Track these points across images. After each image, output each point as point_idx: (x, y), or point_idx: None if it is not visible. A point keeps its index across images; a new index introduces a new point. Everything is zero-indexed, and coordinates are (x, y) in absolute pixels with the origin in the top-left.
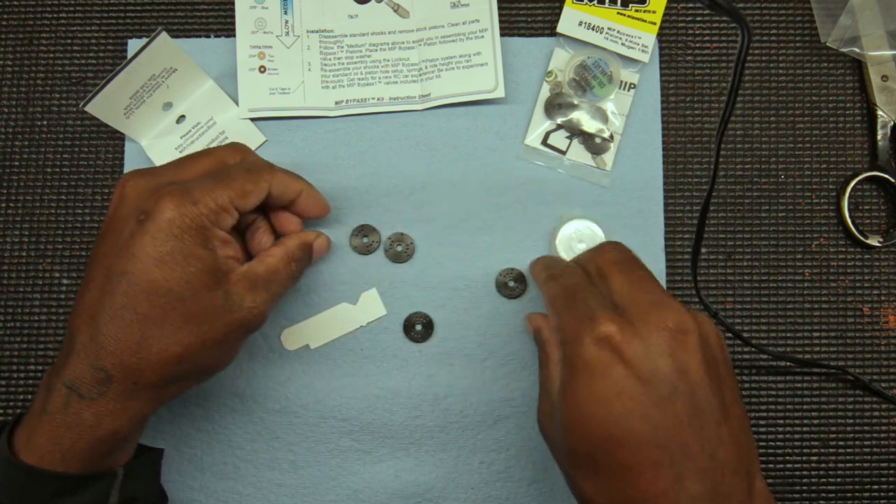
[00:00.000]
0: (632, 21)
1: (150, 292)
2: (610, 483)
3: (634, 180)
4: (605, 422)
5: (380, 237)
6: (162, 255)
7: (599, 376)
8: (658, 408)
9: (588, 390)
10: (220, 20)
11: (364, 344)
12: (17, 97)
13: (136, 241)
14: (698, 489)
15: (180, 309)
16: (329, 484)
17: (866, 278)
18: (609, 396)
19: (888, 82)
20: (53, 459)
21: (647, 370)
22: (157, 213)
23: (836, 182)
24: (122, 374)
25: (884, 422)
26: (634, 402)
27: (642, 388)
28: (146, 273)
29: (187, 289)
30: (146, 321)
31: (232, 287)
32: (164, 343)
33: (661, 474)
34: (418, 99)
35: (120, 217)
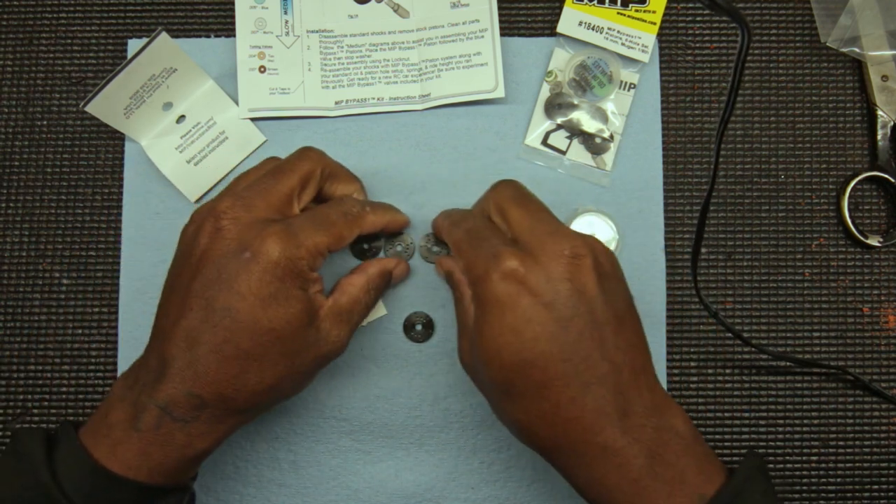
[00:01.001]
0: (632, 21)
1: (253, 331)
2: (527, 401)
3: (634, 180)
4: (518, 348)
5: (381, 242)
6: (266, 296)
7: (509, 308)
8: (562, 328)
9: (500, 322)
10: (220, 20)
11: (364, 344)
12: (17, 97)
13: (242, 279)
14: (602, 391)
15: (279, 347)
16: (329, 484)
17: (866, 278)
18: (519, 325)
19: (888, 82)
20: (140, 472)
21: (550, 296)
22: (264, 253)
23: (836, 182)
24: (216, 401)
25: (884, 422)
26: (541, 327)
27: (547, 313)
28: (251, 312)
29: (287, 329)
30: (247, 357)
31: (321, 323)
32: (260, 377)
33: (569, 384)
34: (418, 99)
35: (221, 251)
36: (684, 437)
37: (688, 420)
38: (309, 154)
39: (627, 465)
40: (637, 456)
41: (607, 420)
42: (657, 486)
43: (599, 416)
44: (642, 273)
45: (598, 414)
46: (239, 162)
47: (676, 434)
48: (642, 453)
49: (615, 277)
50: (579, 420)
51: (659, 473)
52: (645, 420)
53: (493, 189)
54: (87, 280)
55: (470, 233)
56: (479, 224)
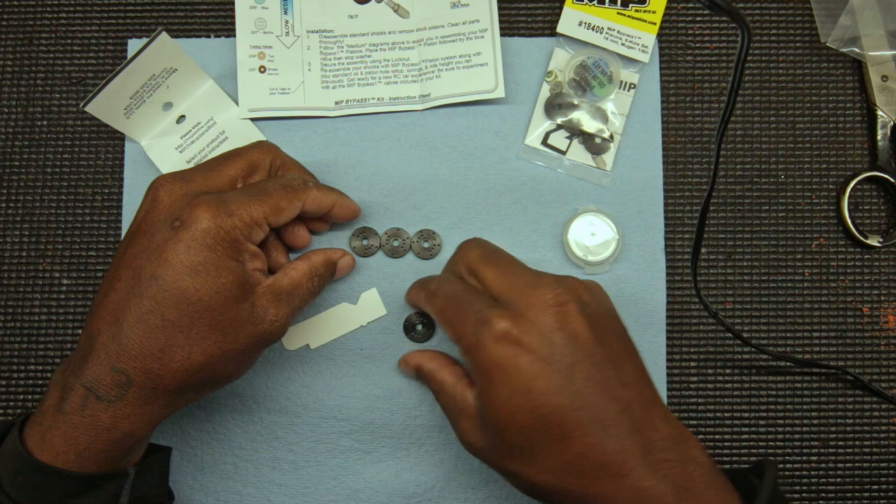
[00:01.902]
0: (632, 21)
1: (180, 300)
2: (552, 458)
3: (634, 180)
4: (532, 406)
5: (379, 241)
6: (195, 265)
7: (512, 371)
8: (567, 377)
9: (507, 386)
10: (220, 20)
11: (364, 344)
12: (17, 97)
13: (170, 248)
14: (619, 431)
15: (207, 318)
16: (329, 484)
17: (866, 278)
18: (526, 384)
19: (888, 82)
20: (68, 459)
21: (547, 349)
22: (193, 221)
23: (836, 182)
24: (142, 378)
25: (884, 422)
26: (547, 381)
27: (549, 366)
28: (177, 280)
29: (216, 299)
30: (172, 328)
31: (257, 299)
32: (188, 351)
33: (588, 431)
34: (418, 99)
35: (152, 221)
36: (705, 467)
37: (704, 450)
38: (261, 145)
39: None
40: (666, 493)
41: (632, 459)
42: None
43: (624, 456)
44: (642, 273)
45: (622, 455)
46: None
47: (698, 465)
48: (671, 490)
49: (604, 314)
50: (605, 465)
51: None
52: (668, 454)
53: (458, 252)
54: (87, 280)
55: (450, 300)
56: (458, 288)
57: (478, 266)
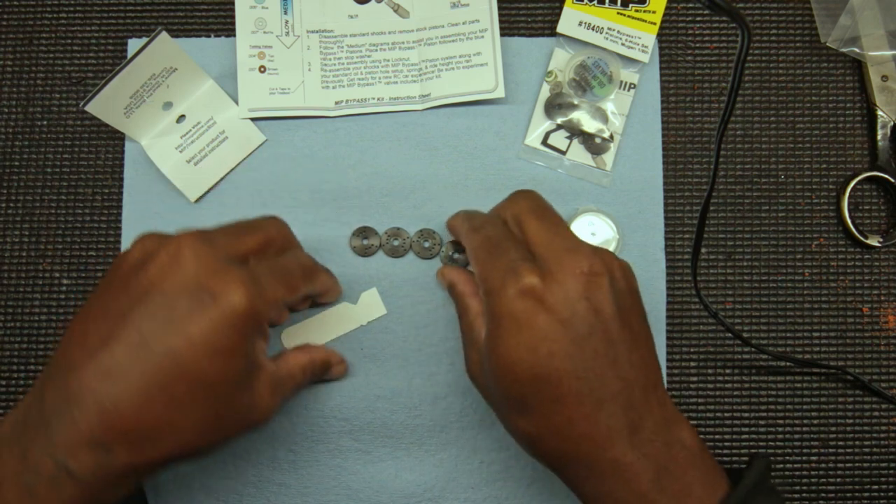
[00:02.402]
0: (632, 21)
1: (194, 380)
2: (541, 416)
3: (634, 180)
4: (533, 364)
5: (379, 241)
6: (220, 347)
7: (525, 325)
8: (577, 346)
9: (515, 338)
10: (220, 20)
11: (364, 344)
12: (17, 97)
13: (195, 324)
14: (614, 408)
15: (212, 401)
16: (329, 484)
17: (866, 278)
18: (534, 342)
19: (888, 82)
20: None
21: (567, 313)
22: (226, 300)
23: (836, 182)
24: (126, 456)
25: (884, 422)
26: (557, 344)
27: (563, 331)
28: (198, 363)
29: (224, 385)
30: (177, 406)
31: (259, 386)
32: (184, 432)
33: (583, 401)
34: (418, 99)
35: (175, 285)
36: (691, 449)
37: (694, 432)
38: (276, 221)
39: (636, 479)
40: (646, 470)
41: (618, 436)
42: (664, 500)
43: (611, 432)
44: (642, 273)
45: (609, 430)
46: (239, 161)
47: (684, 447)
48: (651, 468)
49: (631, 294)
50: (591, 436)
51: (666, 487)
52: (654, 435)
53: (511, 199)
54: (87, 280)
55: (489, 241)
56: (499, 233)
57: (525, 217)
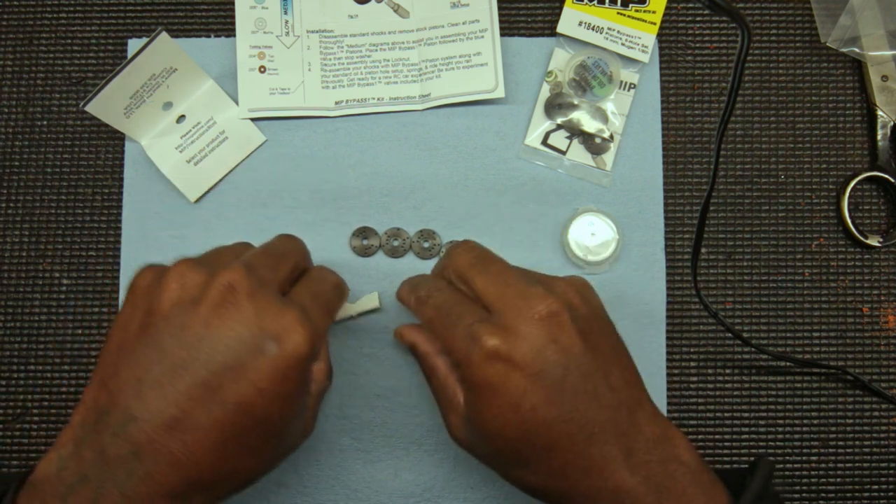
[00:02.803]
0: (632, 21)
1: (265, 426)
2: (538, 466)
3: (634, 180)
4: (519, 422)
5: (379, 241)
6: (289, 394)
7: (502, 389)
8: (557, 391)
9: (496, 403)
10: (220, 20)
11: (364, 344)
12: (17, 97)
13: (264, 372)
14: (605, 437)
15: (279, 441)
16: (329, 483)
17: (866, 278)
18: (515, 401)
19: (888, 82)
20: None
21: (539, 365)
22: (290, 343)
23: (836, 182)
24: (202, 500)
25: (884, 422)
26: (537, 396)
27: (540, 382)
28: (268, 409)
29: (288, 424)
30: (250, 453)
31: (308, 412)
32: (254, 472)
33: (574, 441)
34: (418, 99)
35: (235, 330)
36: (689, 466)
37: (691, 447)
38: (296, 242)
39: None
40: (647, 494)
41: (615, 463)
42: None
43: (607, 461)
44: (642, 273)
45: (605, 460)
46: (239, 162)
47: (682, 464)
48: (651, 490)
49: (595, 318)
50: (589, 470)
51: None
52: (649, 455)
53: (449, 256)
54: (87, 280)
55: (440, 311)
56: (447, 298)
57: (468, 273)
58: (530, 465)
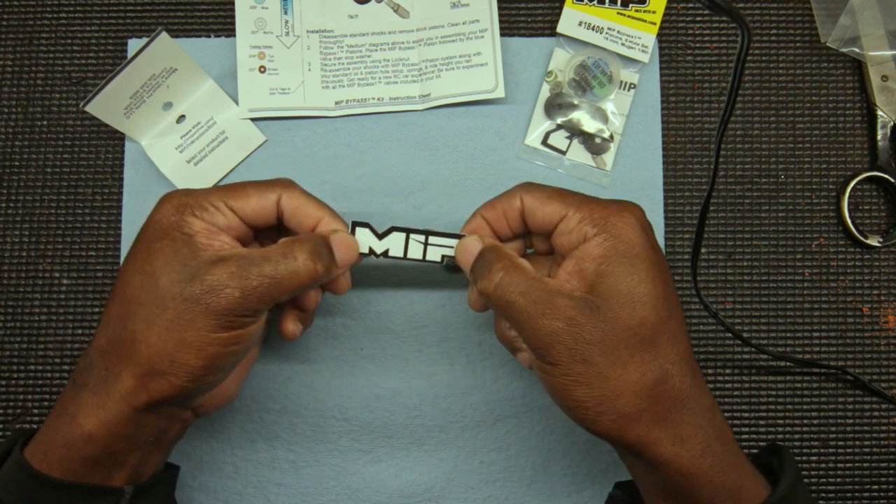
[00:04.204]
0: (632, 21)
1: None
2: (665, 356)
3: (634, 180)
4: (661, 288)
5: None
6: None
7: (647, 248)
8: (668, 277)
9: (645, 260)
10: (220, 20)
11: (364, 344)
12: (17, 97)
13: (143, 242)
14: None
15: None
16: (329, 483)
17: (866, 278)
18: (654, 268)
19: (888, 82)
20: (45, 457)
21: (656, 249)
22: (154, 212)
23: (836, 182)
24: (98, 358)
25: (884, 422)
26: (662, 271)
27: (659, 258)
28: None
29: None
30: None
31: (194, 262)
32: (122, 321)
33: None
34: (418, 99)
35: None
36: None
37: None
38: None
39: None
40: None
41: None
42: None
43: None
44: None
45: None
46: (239, 162)
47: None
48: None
49: None
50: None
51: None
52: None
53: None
54: (87, 280)
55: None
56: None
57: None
58: (659, 352)
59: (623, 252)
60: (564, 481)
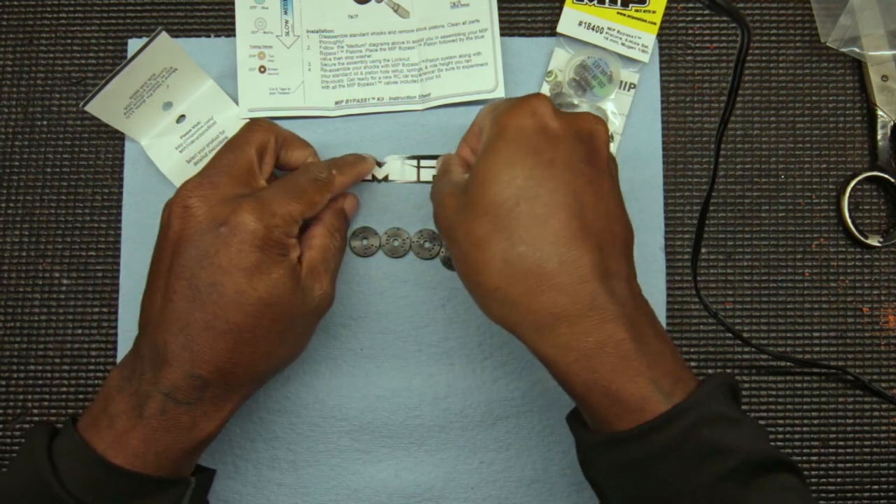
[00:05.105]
0: (632, 21)
1: (241, 303)
2: (523, 229)
3: (634, 180)
4: (533, 168)
5: (379, 241)
6: (249, 267)
7: (534, 133)
8: (575, 166)
9: (519, 143)
10: (220, 20)
11: (364, 344)
12: (17, 97)
13: (222, 254)
14: (591, 242)
15: (269, 314)
16: (329, 483)
17: (866, 278)
18: (540, 148)
19: (888, 82)
20: (147, 461)
21: (571, 136)
22: (240, 225)
23: (836, 182)
24: (217, 378)
25: (884, 422)
26: (559, 155)
27: (565, 147)
28: (236, 284)
29: (273, 295)
30: (238, 330)
31: (304, 282)
32: (255, 346)
33: (571, 223)
34: (418, 99)
35: (195, 230)
36: (657, 321)
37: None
38: (259, 125)
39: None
40: (620, 320)
41: (593, 273)
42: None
43: (591, 266)
44: (642, 273)
45: (590, 264)
46: None
47: (653, 316)
48: (625, 321)
49: (613, 167)
50: (573, 263)
51: (643, 347)
52: (625, 289)
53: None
54: (87, 280)
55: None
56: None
57: None
58: (522, 228)
59: (497, 136)
60: (564, 481)
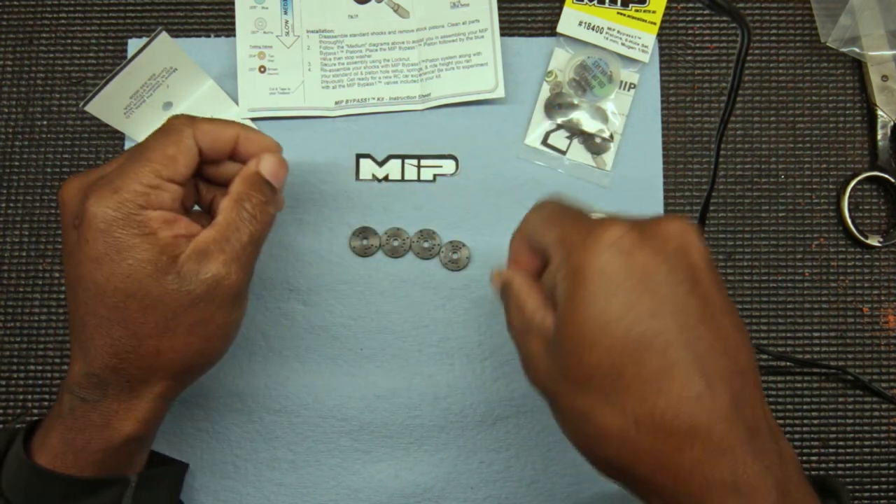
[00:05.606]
0: (632, 21)
1: (99, 294)
2: (637, 397)
3: (634, 180)
4: (631, 323)
5: (379, 241)
6: (97, 256)
7: (617, 279)
8: (680, 306)
9: (605, 296)
10: (220, 20)
11: (364, 344)
12: (17, 97)
13: (79, 247)
14: (727, 395)
15: (135, 304)
16: (329, 484)
17: (866, 278)
18: (631, 298)
19: (888, 82)
20: (66, 461)
21: (664, 268)
22: (86, 213)
23: (836, 182)
24: (111, 376)
25: (884, 422)
26: (657, 301)
27: (665, 284)
28: (90, 277)
29: (132, 283)
30: (109, 323)
31: (182, 267)
32: (134, 339)
33: (691, 377)
34: (418, 99)
35: (65, 226)
36: (798, 467)
37: (790, 446)
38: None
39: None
40: (769, 490)
41: (735, 435)
42: None
43: (729, 426)
44: None
45: (727, 423)
46: None
47: (794, 463)
48: (774, 486)
49: (717, 273)
50: (700, 429)
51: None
52: (769, 444)
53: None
54: None
55: (561, 206)
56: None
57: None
58: (628, 395)
59: (578, 285)
60: (564, 481)
